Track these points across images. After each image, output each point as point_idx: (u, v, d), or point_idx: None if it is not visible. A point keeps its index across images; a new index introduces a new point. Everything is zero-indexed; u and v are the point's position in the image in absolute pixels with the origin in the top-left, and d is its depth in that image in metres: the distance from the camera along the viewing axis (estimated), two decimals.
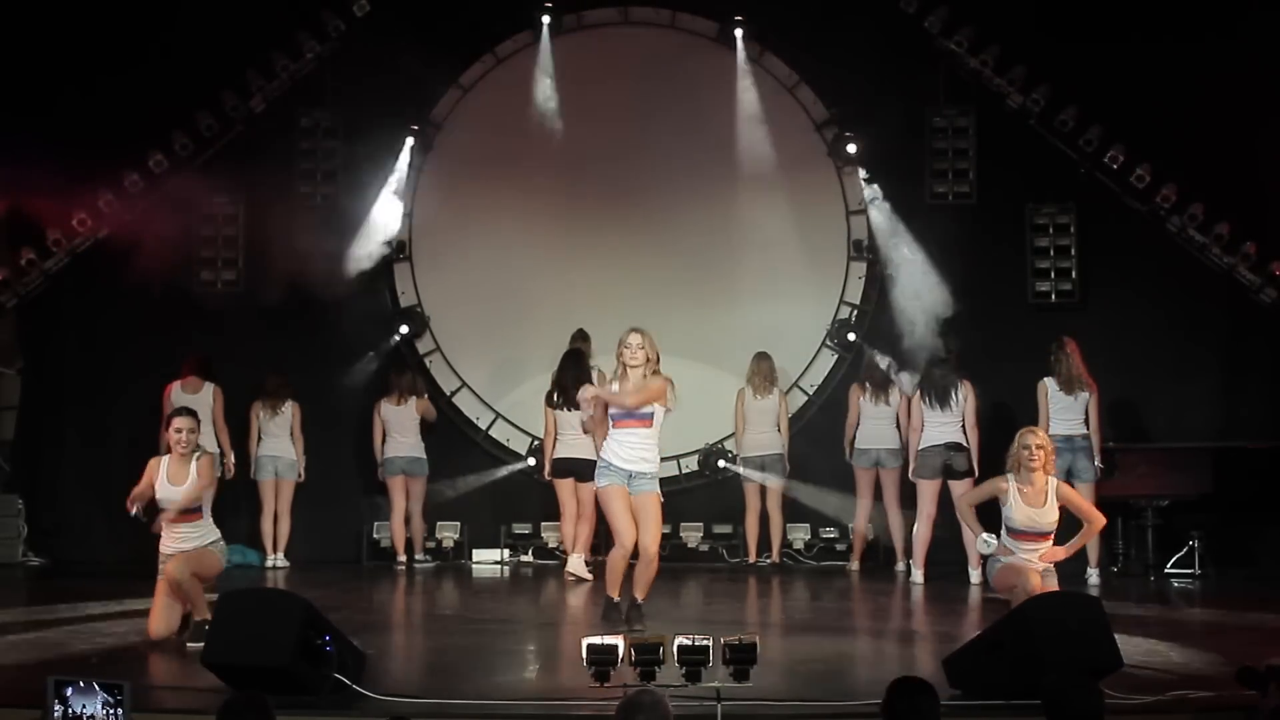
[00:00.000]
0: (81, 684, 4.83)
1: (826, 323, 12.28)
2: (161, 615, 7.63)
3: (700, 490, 12.06)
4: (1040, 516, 7.59)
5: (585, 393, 8.10)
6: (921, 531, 10.63)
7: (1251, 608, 9.19)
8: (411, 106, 12.26)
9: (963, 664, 6.31)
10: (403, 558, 11.63)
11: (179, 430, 7.69)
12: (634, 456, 7.82)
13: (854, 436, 11.18)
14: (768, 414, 11.45)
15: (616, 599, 8.00)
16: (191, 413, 7.94)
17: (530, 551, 12.03)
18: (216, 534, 7.84)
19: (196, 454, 7.72)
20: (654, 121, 12.26)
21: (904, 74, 11.89)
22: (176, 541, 7.66)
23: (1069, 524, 7.85)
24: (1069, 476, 9.96)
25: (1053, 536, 7.64)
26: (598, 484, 7.97)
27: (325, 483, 11.88)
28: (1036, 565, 7.53)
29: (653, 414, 7.84)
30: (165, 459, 7.74)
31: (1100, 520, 7.93)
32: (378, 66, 11.77)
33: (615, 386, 7.96)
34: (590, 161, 12.29)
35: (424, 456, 11.68)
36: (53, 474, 12.09)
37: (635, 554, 7.91)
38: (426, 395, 11.86)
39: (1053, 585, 7.42)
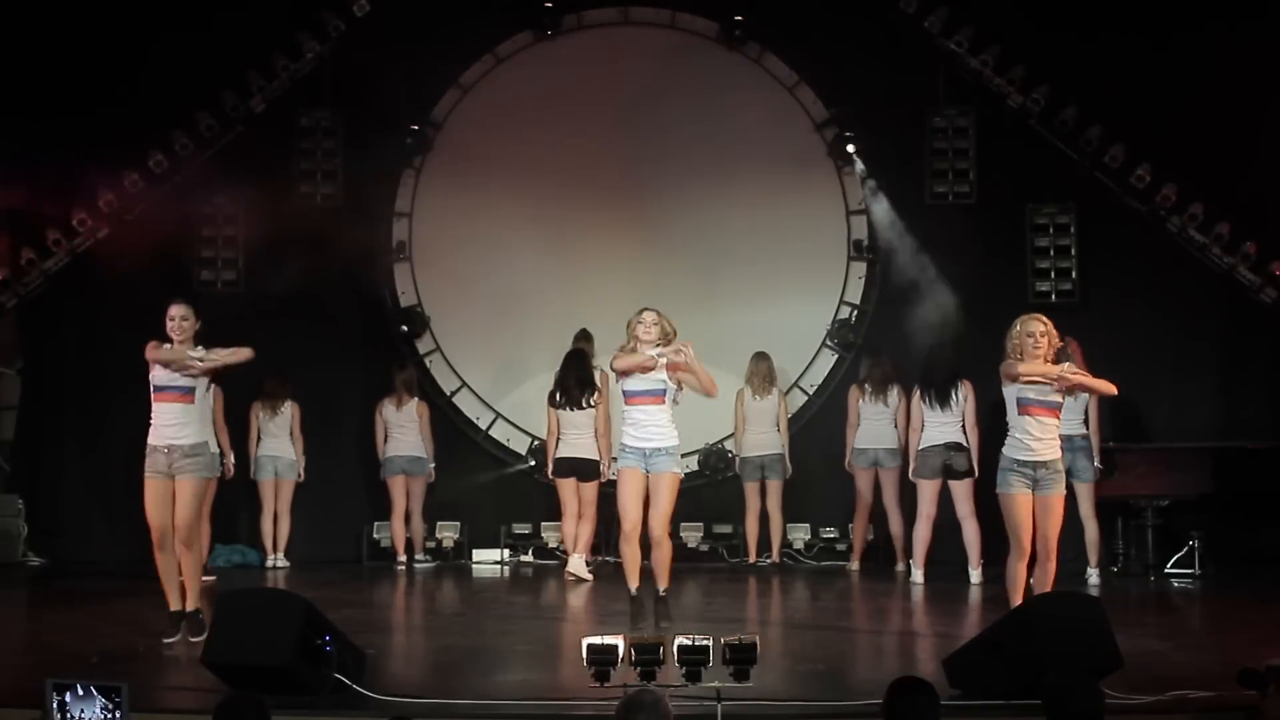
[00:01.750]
0: (80, 689, 4.82)
1: (826, 323, 12.28)
2: (156, 507, 7.51)
3: (700, 490, 12.04)
4: (1050, 389, 7.62)
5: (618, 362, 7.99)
6: (921, 531, 10.64)
7: (1251, 608, 9.19)
8: (411, 106, 12.26)
9: (963, 664, 6.32)
10: (403, 558, 11.63)
11: (172, 318, 7.56)
12: (649, 434, 7.90)
13: (853, 439, 11.20)
14: (767, 414, 11.45)
15: (636, 592, 8.07)
16: (189, 302, 7.74)
17: (530, 551, 12.03)
18: (205, 441, 7.64)
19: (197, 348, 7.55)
20: (654, 121, 12.27)
21: (904, 74, 11.90)
22: (165, 425, 7.47)
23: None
24: (1068, 476, 9.94)
25: (1060, 412, 7.60)
26: (618, 466, 8.10)
27: (325, 483, 11.89)
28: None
29: (664, 390, 7.90)
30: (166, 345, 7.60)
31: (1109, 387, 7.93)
32: (378, 66, 11.77)
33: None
34: (590, 161, 12.29)
35: (424, 456, 11.68)
36: (53, 474, 12.08)
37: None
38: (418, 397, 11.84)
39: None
